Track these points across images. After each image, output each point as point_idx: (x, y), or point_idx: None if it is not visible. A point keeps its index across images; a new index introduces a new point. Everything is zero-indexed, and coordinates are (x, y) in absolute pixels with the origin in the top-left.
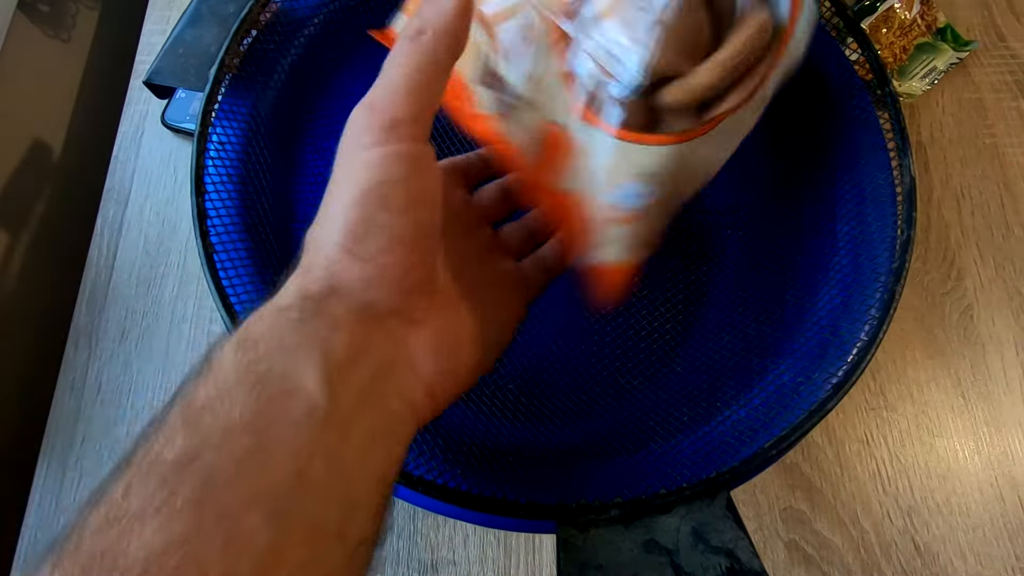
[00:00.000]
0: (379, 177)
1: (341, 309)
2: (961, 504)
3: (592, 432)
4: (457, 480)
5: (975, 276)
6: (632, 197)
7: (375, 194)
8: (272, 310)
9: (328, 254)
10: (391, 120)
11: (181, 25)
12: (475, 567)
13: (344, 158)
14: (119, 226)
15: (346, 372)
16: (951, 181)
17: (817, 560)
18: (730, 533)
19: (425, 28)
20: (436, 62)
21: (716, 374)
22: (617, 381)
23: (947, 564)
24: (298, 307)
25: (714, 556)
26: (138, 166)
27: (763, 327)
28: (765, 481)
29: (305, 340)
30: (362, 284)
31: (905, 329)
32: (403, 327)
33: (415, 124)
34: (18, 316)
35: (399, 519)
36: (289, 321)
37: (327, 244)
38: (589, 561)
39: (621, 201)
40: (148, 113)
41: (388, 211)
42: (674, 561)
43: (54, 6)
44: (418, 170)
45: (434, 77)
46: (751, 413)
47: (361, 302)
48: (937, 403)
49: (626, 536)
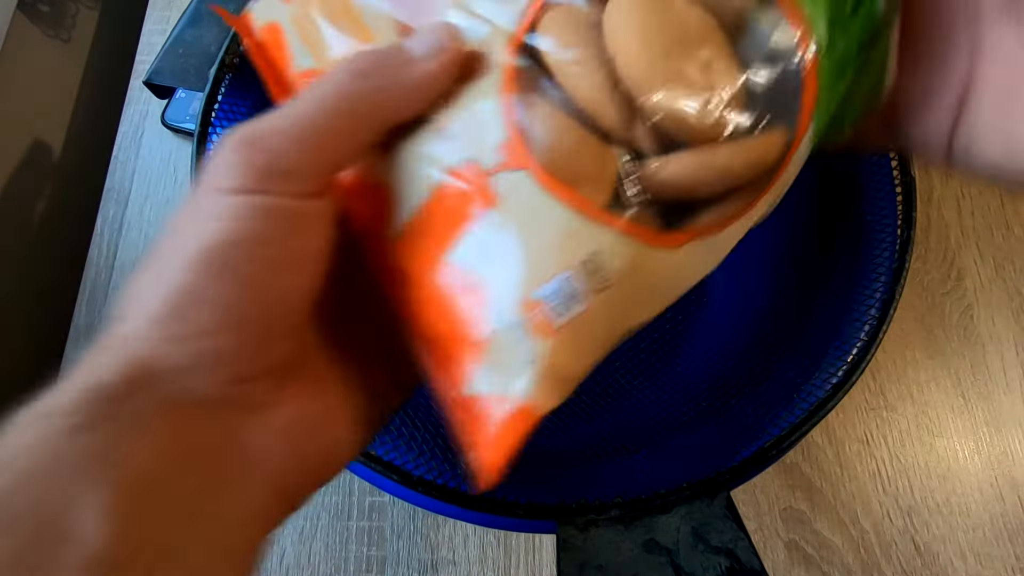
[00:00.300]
0: (228, 236)
1: (145, 404)
2: (961, 504)
3: (592, 432)
4: (457, 480)
5: (975, 276)
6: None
7: (215, 257)
8: (41, 413)
9: (137, 329)
10: (276, 165)
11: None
12: (475, 567)
13: (194, 198)
14: (119, 226)
15: (149, 496)
16: (951, 181)
17: (817, 560)
18: (730, 533)
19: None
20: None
21: (716, 374)
22: (617, 381)
23: (947, 564)
24: (79, 407)
25: (714, 556)
26: (138, 166)
27: (763, 327)
28: (765, 481)
29: (86, 458)
30: (178, 372)
31: (905, 329)
32: (239, 416)
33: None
34: (18, 316)
35: (399, 519)
36: (65, 430)
37: (138, 315)
38: (589, 561)
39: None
40: (148, 113)
41: (226, 282)
42: (674, 561)
43: (54, 6)
44: (296, 230)
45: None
46: (751, 413)
47: (176, 393)
48: (937, 403)
49: (626, 536)
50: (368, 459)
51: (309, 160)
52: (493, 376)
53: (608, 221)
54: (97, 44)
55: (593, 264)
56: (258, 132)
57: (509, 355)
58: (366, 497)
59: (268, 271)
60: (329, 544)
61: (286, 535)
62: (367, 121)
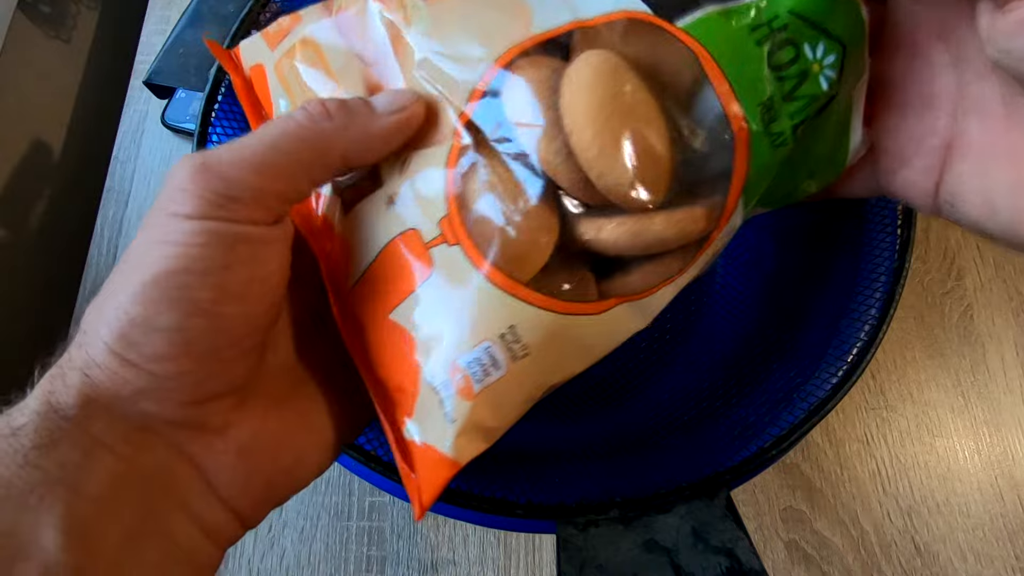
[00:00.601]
0: (179, 264)
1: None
2: (961, 504)
3: (592, 432)
4: (457, 480)
5: (975, 276)
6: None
7: (167, 286)
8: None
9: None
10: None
11: (181, 25)
12: (475, 567)
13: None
14: (119, 226)
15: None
16: None
17: (817, 560)
18: (730, 533)
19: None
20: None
21: (716, 374)
22: (617, 381)
23: (947, 564)
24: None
25: (714, 556)
26: (138, 166)
27: (763, 327)
28: (765, 481)
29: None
30: (134, 395)
31: (905, 329)
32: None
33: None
34: (19, 316)
35: (399, 519)
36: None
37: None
38: (589, 561)
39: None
40: (148, 113)
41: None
42: (674, 561)
43: (54, 6)
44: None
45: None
46: (751, 413)
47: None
48: (937, 403)
49: (626, 536)
50: (368, 459)
51: (264, 188)
52: (424, 426)
53: (526, 297)
54: (97, 44)
55: (512, 335)
56: (215, 159)
57: (438, 411)
58: (366, 497)
59: (218, 298)
60: (329, 544)
61: (286, 535)
62: (322, 158)
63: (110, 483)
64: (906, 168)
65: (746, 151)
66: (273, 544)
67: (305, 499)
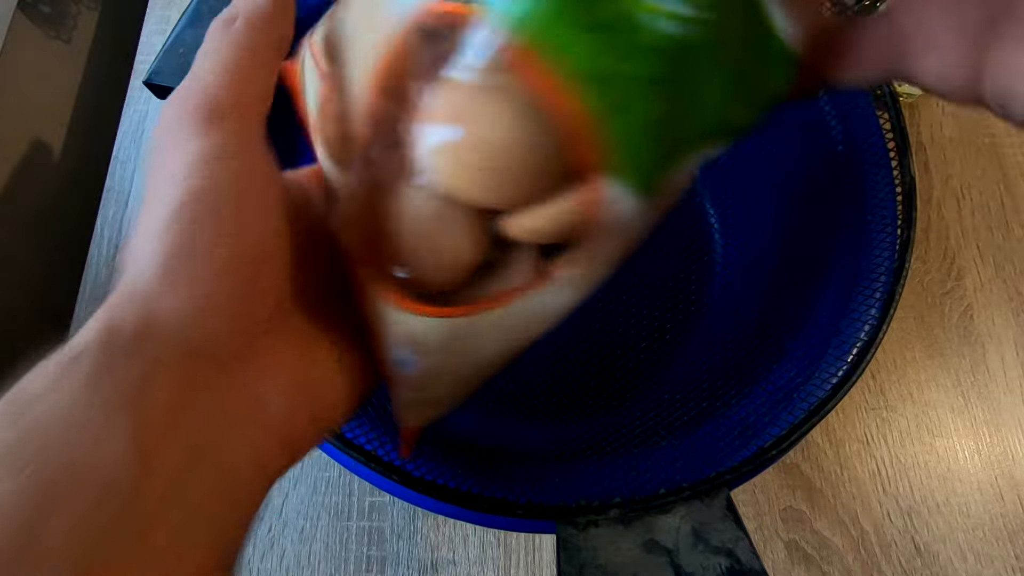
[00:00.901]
0: (199, 184)
1: (161, 351)
2: (961, 504)
3: (592, 432)
4: (457, 480)
5: (975, 276)
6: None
7: (193, 210)
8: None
9: (143, 283)
10: (212, 103)
11: (181, 25)
12: (475, 567)
13: (158, 160)
14: (119, 226)
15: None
16: (951, 181)
17: (817, 560)
18: (730, 533)
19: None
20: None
21: (716, 374)
22: (617, 381)
23: (947, 564)
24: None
25: (714, 556)
26: (138, 166)
27: (763, 327)
28: (765, 481)
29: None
30: (184, 321)
31: (905, 329)
32: (244, 367)
33: (242, 111)
34: (19, 316)
35: (399, 519)
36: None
37: (141, 271)
38: (589, 561)
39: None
40: (148, 113)
41: (210, 231)
42: (674, 561)
43: (54, 7)
44: (251, 170)
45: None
46: (751, 413)
47: (186, 341)
48: (937, 403)
49: (626, 536)
50: (368, 459)
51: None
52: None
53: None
54: (97, 44)
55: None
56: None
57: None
58: (366, 497)
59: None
60: (329, 544)
61: (286, 535)
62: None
63: (170, 406)
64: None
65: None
66: (273, 544)
67: (305, 499)
